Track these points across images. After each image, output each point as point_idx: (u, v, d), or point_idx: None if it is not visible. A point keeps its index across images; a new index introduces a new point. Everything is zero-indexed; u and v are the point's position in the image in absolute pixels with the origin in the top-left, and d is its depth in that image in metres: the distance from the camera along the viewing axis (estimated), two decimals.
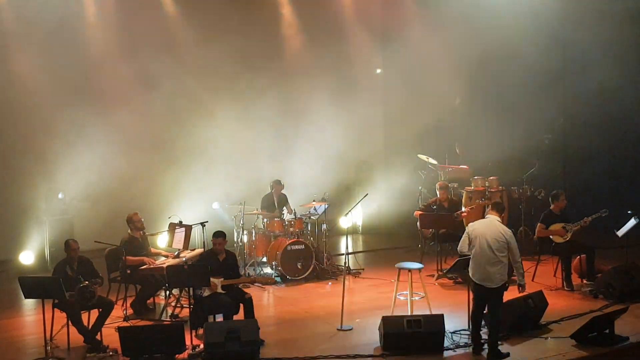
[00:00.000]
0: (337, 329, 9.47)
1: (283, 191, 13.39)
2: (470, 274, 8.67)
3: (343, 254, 10.69)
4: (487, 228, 8.66)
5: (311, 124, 15.56)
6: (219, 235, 9.47)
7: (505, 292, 8.65)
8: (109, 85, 14.10)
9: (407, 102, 15.83)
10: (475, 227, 8.72)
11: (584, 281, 11.30)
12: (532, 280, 11.59)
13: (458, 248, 8.91)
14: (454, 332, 9.02)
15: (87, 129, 13.77)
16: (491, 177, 14.17)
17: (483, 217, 12.97)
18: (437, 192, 12.97)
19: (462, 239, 8.78)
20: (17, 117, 13.47)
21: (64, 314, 8.84)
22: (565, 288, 11.11)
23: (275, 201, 13.19)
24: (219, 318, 9.27)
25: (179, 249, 10.94)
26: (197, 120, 14.85)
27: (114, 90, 14.13)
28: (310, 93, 15.75)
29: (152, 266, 10.29)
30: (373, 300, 10.98)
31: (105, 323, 9.07)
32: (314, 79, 15.72)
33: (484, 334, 8.72)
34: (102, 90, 14.08)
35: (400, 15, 16.48)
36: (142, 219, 10.75)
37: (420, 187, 14.49)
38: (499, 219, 8.81)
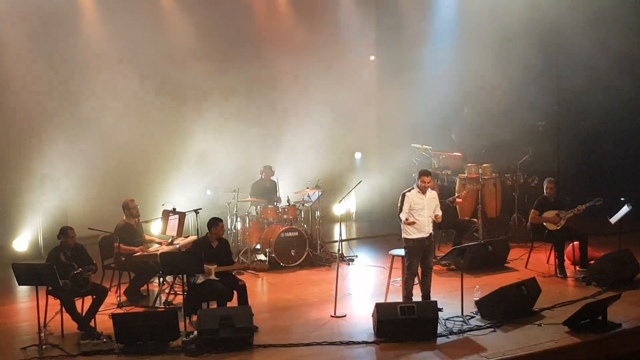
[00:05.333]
0: (331, 316, 9.47)
1: (273, 178, 13.36)
2: (415, 237, 9.39)
3: (337, 241, 10.67)
4: None
5: (304, 111, 15.51)
6: (220, 220, 9.47)
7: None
8: (102, 73, 14.07)
9: (401, 89, 15.78)
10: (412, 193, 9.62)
11: (577, 268, 11.32)
12: (526, 267, 11.64)
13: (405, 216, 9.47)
14: (447, 319, 9.02)
15: (80, 116, 13.75)
16: (485, 164, 14.16)
17: (477, 202, 13.26)
18: None
19: (403, 209, 9.54)
20: (10, 103, 13.40)
21: (58, 301, 8.83)
22: (559, 275, 11.12)
23: (266, 187, 13.16)
24: (213, 305, 9.26)
25: (172, 236, 10.93)
26: (190, 107, 14.82)
27: (107, 78, 14.10)
28: (303, 80, 15.71)
29: (145, 253, 10.29)
30: (366, 287, 11.00)
31: (99, 310, 9.07)
32: (307, 65, 15.66)
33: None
34: (96, 77, 14.05)
35: (394, 1, 16.44)
36: (138, 206, 10.73)
37: (413, 174, 14.45)
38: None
